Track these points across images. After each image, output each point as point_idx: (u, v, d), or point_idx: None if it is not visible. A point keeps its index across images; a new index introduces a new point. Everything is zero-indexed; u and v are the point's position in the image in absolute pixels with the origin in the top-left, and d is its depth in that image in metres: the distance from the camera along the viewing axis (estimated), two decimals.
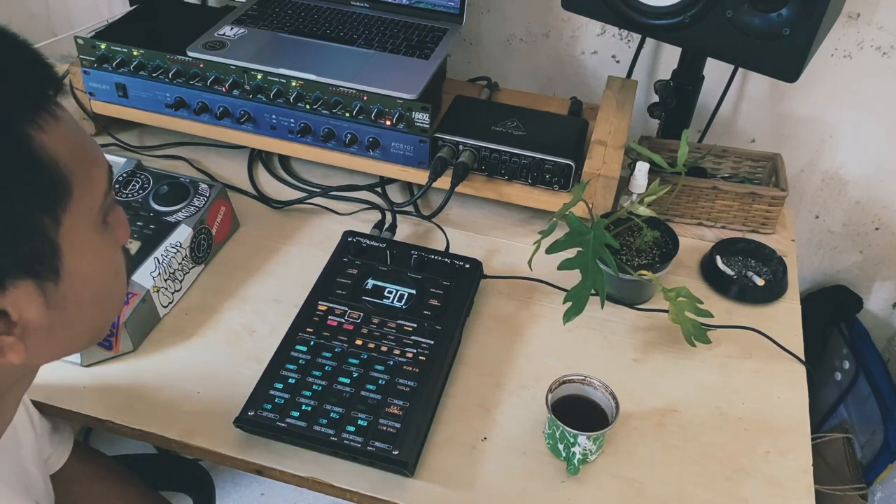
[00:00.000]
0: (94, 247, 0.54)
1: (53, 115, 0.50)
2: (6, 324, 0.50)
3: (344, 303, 0.96)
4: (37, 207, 0.49)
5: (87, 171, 0.52)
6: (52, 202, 0.50)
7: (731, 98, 1.33)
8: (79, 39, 1.17)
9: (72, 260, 0.52)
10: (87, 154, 0.53)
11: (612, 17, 1.06)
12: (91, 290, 0.55)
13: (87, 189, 0.52)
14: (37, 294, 0.51)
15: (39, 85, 0.50)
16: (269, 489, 1.70)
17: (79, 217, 0.52)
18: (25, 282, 0.49)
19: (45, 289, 0.51)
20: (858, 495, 1.32)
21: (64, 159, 0.50)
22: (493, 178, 1.13)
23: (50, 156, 0.49)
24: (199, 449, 0.85)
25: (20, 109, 0.48)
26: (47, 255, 0.50)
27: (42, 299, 0.51)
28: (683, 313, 0.93)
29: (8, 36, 0.50)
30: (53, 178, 0.49)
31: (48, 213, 0.49)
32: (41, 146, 0.48)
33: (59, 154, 0.49)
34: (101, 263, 0.56)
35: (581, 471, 0.83)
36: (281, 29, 1.22)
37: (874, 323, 1.50)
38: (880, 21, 1.19)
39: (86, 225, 0.53)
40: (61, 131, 0.50)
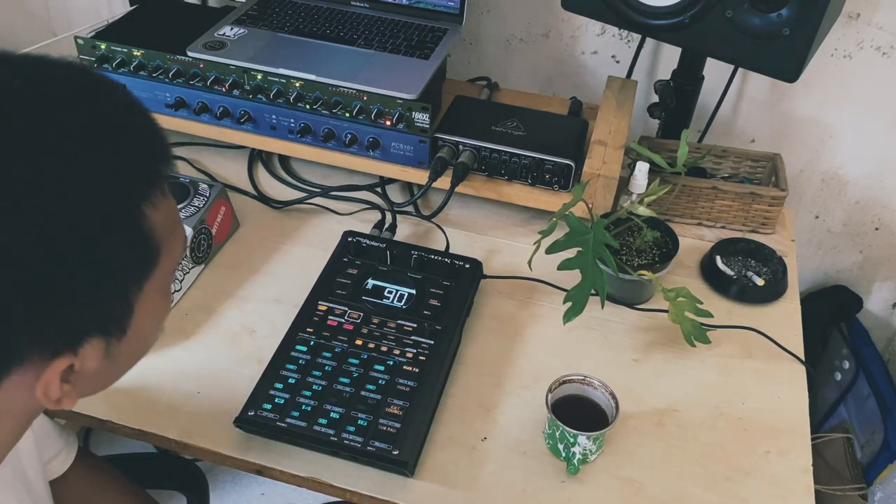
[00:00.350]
0: (159, 308, 0.57)
1: (163, 193, 0.51)
2: (67, 374, 0.51)
3: (344, 303, 0.96)
4: (130, 277, 0.51)
5: (173, 242, 0.54)
6: (143, 273, 0.52)
7: (731, 98, 1.33)
8: (79, 39, 1.17)
9: (139, 320, 0.54)
10: (176, 224, 0.55)
11: (612, 17, 1.06)
12: (142, 343, 0.58)
13: (169, 256, 0.54)
14: (102, 349, 0.52)
15: (159, 163, 0.52)
16: (269, 489, 1.70)
17: (156, 282, 0.54)
18: (97, 339, 0.51)
19: (109, 344, 0.52)
20: (858, 495, 1.32)
21: (161, 233, 0.51)
22: (493, 178, 1.13)
23: (152, 230, 0.50)
24: (198, 449, 0.85)
25: (141, 188, 0.49)
26: (123, 317, 0.52)
27: (104, 353, 0.52)
28: (683, 313, 0.93)
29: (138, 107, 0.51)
30: (150, 251, 0.51)
31: (136, 282, 0.51)
32: (150, 223, 0.50)
33: (158, 228, 0.51)
34: (158, 321, 0.58)
35: (581, 471, 0.84)
36: (281, 29, 1.22)
37: (874, 323, 1.50)
38: (880, 21, 1.19)
39: (159, 289, 0.55)
40: (165, 206, 0.52)
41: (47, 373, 0.49)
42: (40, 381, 0.50)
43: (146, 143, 0.51)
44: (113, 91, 0.51)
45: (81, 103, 0.48)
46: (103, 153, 0.47)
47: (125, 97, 0.51)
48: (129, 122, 0.50)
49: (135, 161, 0.49)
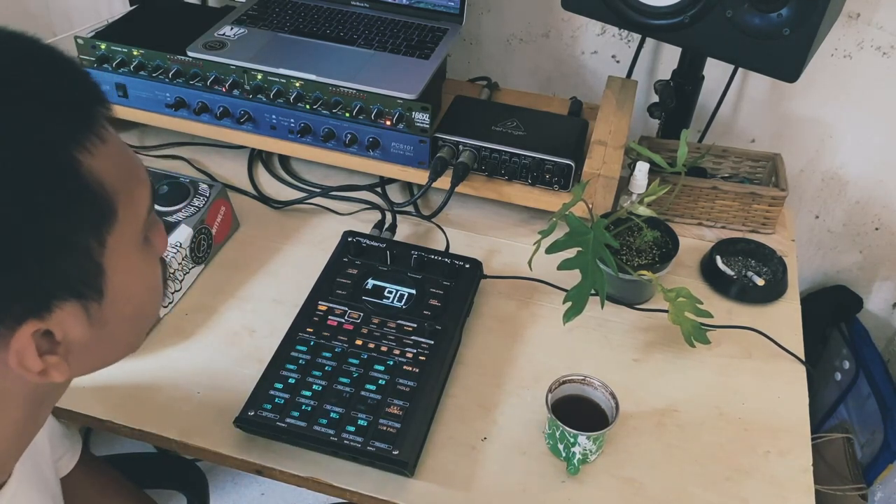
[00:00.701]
0: (136, 265, 0.55)
1: (101, 138, 0.50)
2: (51, 344, 0.51)
3: (344, 303, 0.96)
4: (83, 231, 0.49)
5: (131, 191, 0.52)
6: (97, 225, 0.49)
7: (731, 98, 1.33)
8: (79, 39, 1.17)
9: (115, 279, 0.52)
10: (131, 174, 0.53)
11: (612, 17, 1.06)
12: (132, 306, 0.56)
13: (130, 209, 0.52)
14: (81, 314, 0.51)
15: (87, 107, 0.50)
16: (269, 489, 1.70)
17: (122, 237, 0.52)
18: (70, 303, 0.50)
19: (88, 308, 0.51)
20: (858, 495, 1.32)
21: (109, 181, 0.49)
22: (493, 178, 1.13)
23: (96, 179, 0.48)
24: (198, 449, 0.85)
25: (68, 134, 0.48)
26: (92, 276, 0.50)
27: (86, 319, 0.51)
28: (683, 313, 0.93)
29: (55, 55, 0.50)
30: (99, 201, 0.49)
31: (94, 235, 0.49)
32: (88, 171, 0.48)
33: (105, 177, 0.49)
34: (141, 280, 0.56)
35: (581, 471, 0.84)
36: (281, 29, 1.22)
37: (874, 323, 1.50)
38: (880, 21, 1.19)
39: (129, 244, 0.53)
40: (108, 153, 0.50)
41: (15, 340, 0.48)
42: (10, 350, 0.48)
43: (66, 90, 0.49)
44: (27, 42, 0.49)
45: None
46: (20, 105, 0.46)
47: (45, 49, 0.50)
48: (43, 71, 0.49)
49: (54, 108, 0.48)
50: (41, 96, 0.47)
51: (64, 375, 0.52)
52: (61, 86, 0.49)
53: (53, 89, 0.48)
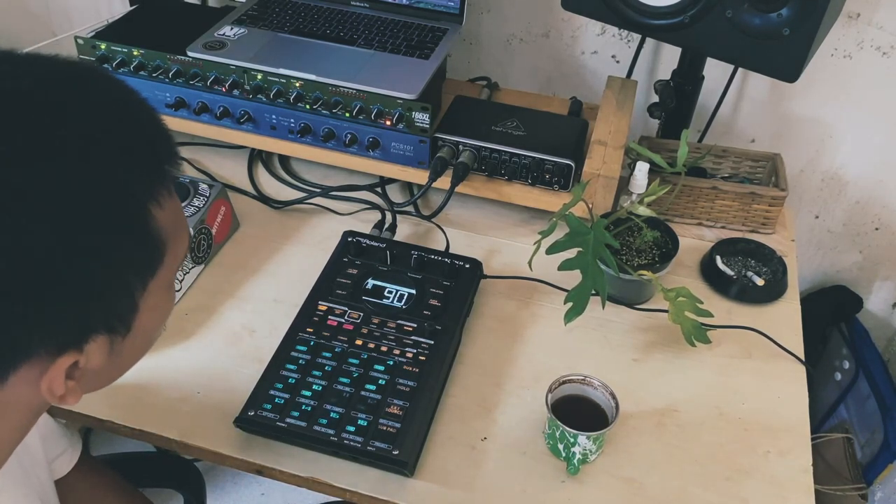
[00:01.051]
0: (162, 305, 0.57)
1: (169, 192, 0.52)
2: (72, 370, 0.52)
3: (344, 303, 0.96)
4: (135, 275, 0.51)
5: (178, 240, 0.54)
6: (148, 271, 0.52)
7: (731, 98, 1.33)
8: (79, 39, 1.17)
9: (143, 317, 0.54)
10: (181, 225, 0.55)
11: (612, 17, 1.06)
12: (145, 339, 0.58)
13: (173, 257, 0.54)
14: (107, 346, 0.53)
15: (165, 161, 0.52)
16: (269, 489, 1.70)
17: (160, 280, 0.54)
18: (102, 335, 0.51)
19: (113, 341, 0.53)
20: (858, 495, 1.32)
21: (167, 232, 0.52)
22: (493, 178, 1.13)
23: (159, 229, 0.51)
24: (199, 449, 0.85)
25: (147, 188, 0.50)
26: (128, 314, 0.53)
27: (108, 350, 0.53)
28: (683, 313, 0.93)
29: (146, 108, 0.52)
30: (157, 250, 0.52)
31: (141, 280, 0.52)
32: (156, 222, 0.51)
33: (164, 227, 0.52)
34: (161, 318, 0.59)
35: (581, 471, 0.84)
36: (281, 29, 1.22)
37: (874, 323, 1.50)
38: (880, 21, 1.19)
39: (162, 286, 0.55)
40: (171, 206, 0.53)
41: (53, 369, 0.50)
42: (45, 377, 0.50)
43: (153, 143, 0.52)
44: (120, 91, 0.52)
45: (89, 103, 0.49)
46: (110, 153, 0.48)
47: (132, 97, 0.52)
48: (136, 123, 0.51)
49: (142, 161, 0.50)
50: (130, 147, 0.50)
51: (77, 399, 0.54)
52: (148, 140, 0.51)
53: (142, 143, 0.51)
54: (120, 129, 0.50)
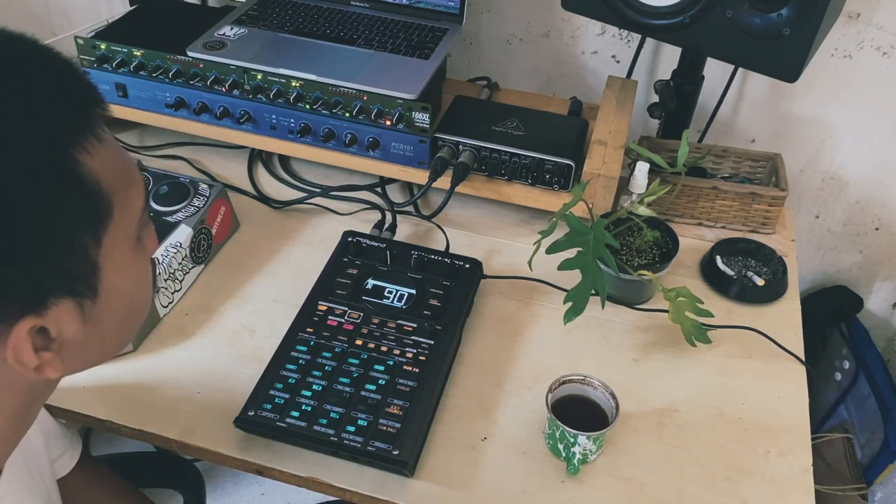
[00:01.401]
0: (130, 264, 0.56)
1: (98, 138, 0.51)
2: (45, 340, 0.51)
3: (344, 303, 0.96)
4: (80, 229, 0.50)
5: (126, 191, 0.53)
6: (94, 223, 0.51)
7: (731, 98, 1.33)
8: (79, 39, 1.17)
9: (109, 278, 0.53)
10: (127, 175, 0.54)
11: (612, 17, 1.06)
12: (125, 305, 0.57)
13: (125, 209, 0.53)
14: (75, 311, 0.52)
15: (85, 107, 0.51)
16: (269, 489, 1.70)
17: (118, 236, 0.53)
18: (66, 300, 0.51)
19: (83, 306, 0.52)
20: (858, 495, 1.32)
21: (106, 181, 0.51)
22: (493, 178, 1.13)
23: (94, 178, 0.50)
24: (199, 449, 0.85)
25: (67, 133, 0.49)
26: (87, 274, 0.51)
27: (80, 316, 0.52)
28: (683, 313, 0.93)
29: (54, 56, 0.51)
30: (96, 200, 0.50)
31: (90, 233, 0.51)
32: (86, 170, 0.49)
33: (102, 176, 0.50)
34: (134, 280, 0.57)
35: (581, 471, 0.84)
36: (281, 29, 1.22)
37: (874, 323, 1.50)
38: (880, 21, 1.19)
39: (123, 244, 0.54)
40: (105, 153, 0.51)
41: (13, 336, 0.49)
42: (7, 345, 0.49)
43: (66, 90, 0.50)
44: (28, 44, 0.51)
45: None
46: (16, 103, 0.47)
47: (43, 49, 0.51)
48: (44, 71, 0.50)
49: (54, 107, 0.49)
50: (40, 96, 0.48)
51: (58, 371, 0.53)
52: (60, 86, 0.50)
53: (52, 89, 0.49)
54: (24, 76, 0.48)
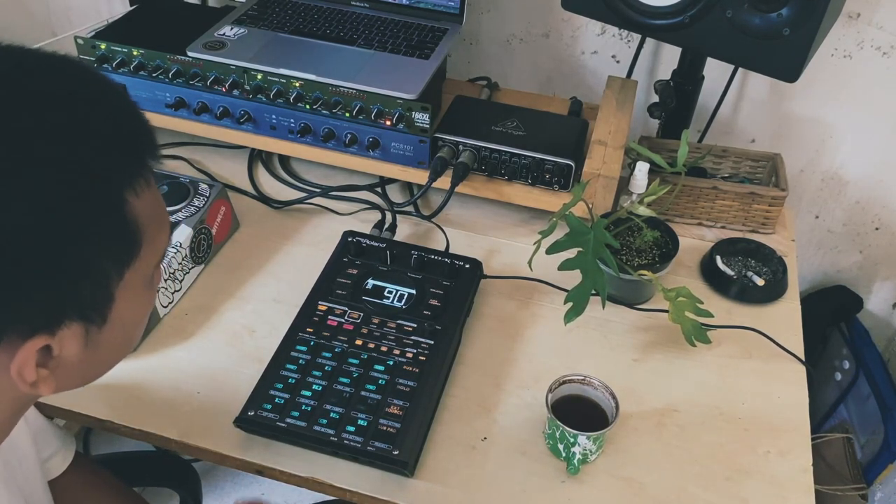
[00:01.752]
0: (140, 299, 0.58)
1: (147, 182, 0.54)
2: (45, 358, 0.53)
3: (344, 303, 0.96)
4: (110, 263, 0.52)
5: (156, 233, 0.56)
6: (123, 259, 0.53)
7: (731, 98, 1.33)
8: (79, 39, 1.17)
9: (119, 309, 0.55)
10: (160, 219, 0.57)
11: (612, 17, 1.06)
12: (123, 335, 0.59)
13: (151, 250, 0.56)
14: (81, 335, 0.53)
15: (143, 152, 0.54)
16: (269, 489, 1.70)
17: (137, 273, 0.55)
18: (76, 324, 0.52)
19: (89, 332, 0.54)
20: (858, 495, 1.32)
21: (144, 222, 0.53)
22: (493, 178, 1.13)
23: (135, 218, 0.52)
24: (199, 449, 0.85)
25: (123, 175, 0.52)
26: (103, 303, 0.53)
27: (84, 340, 0.54)
28: (683, 313, 0.93)
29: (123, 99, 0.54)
30: (131, 238, 0.53)
31: (116, 268, 0.53)
32: (131, 209, 0.52)
33: (142, 217, 0.53)
34: (140, 313, 0.60)
35: (581, 471, 0.84)
36: (281, 29, 1.22)
37: (874, 323, 1.50)
38: (880, 21, 1.19)
39: (140, 280, 0.56)
40: (149, 197, 0.54)
41: (22, 352, 0.50)
42: (15, 359, 0.51)
43: (131, 134, 0.53)
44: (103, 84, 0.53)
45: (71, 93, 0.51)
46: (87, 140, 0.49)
47: (113, 88, 0.54)
48: (115, 111, 0.53)
49: (119, 149, 0.51)
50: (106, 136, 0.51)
51: (50, 389, 0.54)
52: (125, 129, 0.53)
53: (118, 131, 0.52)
54: (98, 115, 0.51)
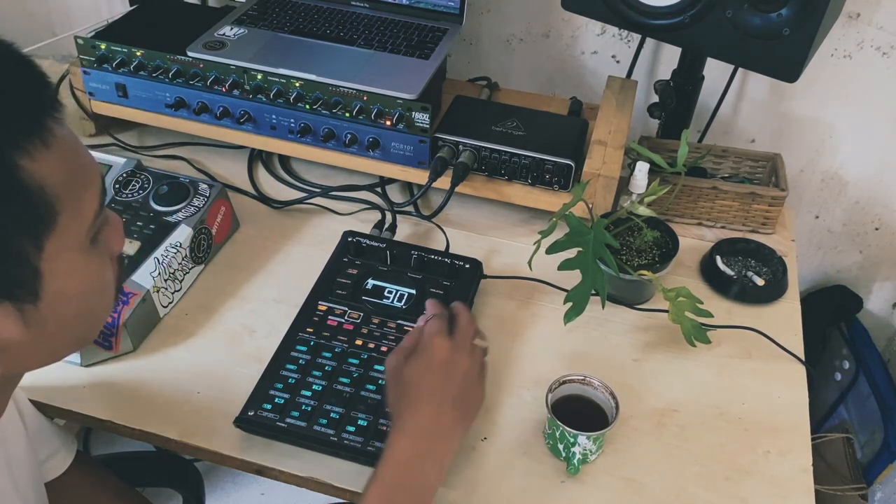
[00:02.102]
0: (79, 268, 0.54)
1: (45, 143, 0.49)
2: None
3: (344, 303, 0.96)
4: (18, 235, 0.48)
5: (76, 195, 0.51)
6: (35, 229, 0.49)
7: (731, 98, 1.33)
8: (79, 39, 1.17)
9: (53, 282, 0.51)
10: (78, 178, 0.52)
11: (612, 17, 1.06)
12: (73, 308, 0.55)
13: (75, 213, 0.51)
14: (14, 315, 0.50)
15: (34, 110, 0.49)
16: (269, 489, 1.70)
17: (64, 241, 0.51)
18: (4, 304, 0.49)
19: (23, 310, 0.50)
20: (858, 495, 1.32)
21: (51, 186, 0.49)
22: (493, 178, 1.13)
23: (37, 184, 0.48)
24: (199, 449, 0.85)
25: (9, 139, 0.47)
26: (27, 279, 0.50)
27: (20, 319, 0.51)
28: (683, 313, 0.93)
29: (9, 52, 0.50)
30: (38, 205, 0.48)
31: (30, 240, 0.49)
32: (28, 175, 0.47)
33: (47, 181, 0.48)
34: (85, 283, 0.55)
35: (581, 471, 0.84)
36: (281, 29, 1.22)
37: (874, 323, 1.50)
38: (880, 21, 1.19)
39: (71, 248, 0.52)
40: (52, 158, 0.49)
41: None
42: None
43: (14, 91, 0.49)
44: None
45: None
46: None
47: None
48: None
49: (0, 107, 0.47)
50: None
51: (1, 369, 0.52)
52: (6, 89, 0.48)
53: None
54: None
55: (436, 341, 0.77)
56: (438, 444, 0.73)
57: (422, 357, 0.77)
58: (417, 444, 0.72)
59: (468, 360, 0.78)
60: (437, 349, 0.77)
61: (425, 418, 0.73)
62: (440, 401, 0.74)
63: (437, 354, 0.76)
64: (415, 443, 0.72)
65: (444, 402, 0.74)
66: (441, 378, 0.75)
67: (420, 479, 0.71)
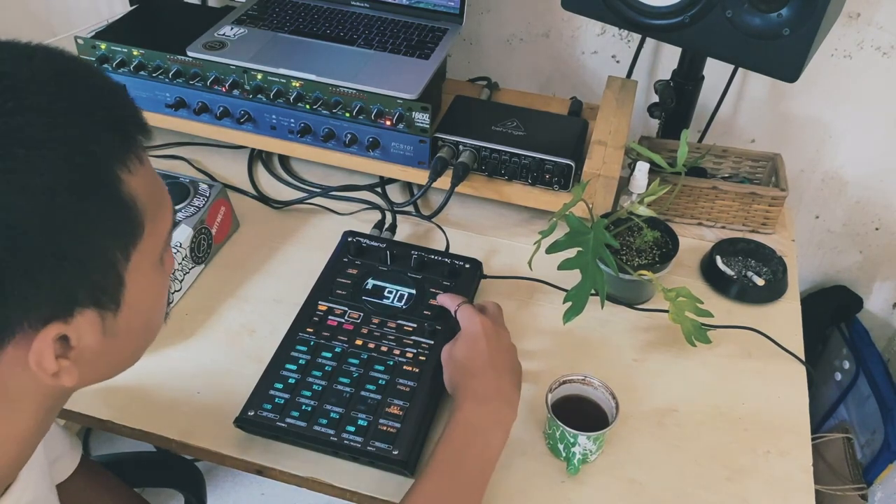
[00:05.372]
0: (151, 282, 0.58)
1: (140, 159, 0.54)
2: (65, 348, 0.53)
3: (344, 303, 0.96)
4: (114, 244, 0.52)
5: (157, 212, 0.56)
6: (126, 239, 0.53)
7: (731, 98, 1.33)
8: (79, 39, 1.17)
9: (132, 293, 0.55)
10: (157, 196, 0.57)
11: (612, 17, 1.06)
12: (142, 321, 0.59)
13: (154, 229, 0.56)
14: (97, 322, 0.53)
15: (133, 129, 0.54)
16: (269, 489, 1.70)
17: (144, 254, 0.55)
18: (90, 310, 0.52)
19: (104, 318, 0.54)
20: (858, 495, 1.32)
21: (141, 200, 0.53)
22: (493, 178, 1.13)
23: (132, 196, 0.52)
24: (199, 449, 0.85)
25: (114, 153, 0.52)
26: (113, 287, 0.54)
27: (100, 327, 0.54)
28: (683, 313, 0.93)
29: (106, 81, 0.54)
30: (131, 217, 0.53)
31: (121, 248, 0.53)
32: (126, 187, 0.52)
33: (138, 195, 0.53)
34: (153, 297, 0.60)
35: (581, 471, 0.84)
36: (281, 29, 1.22)
37: (874, 323, 1.50)
38: (880, 21, 1.19)
39: (148, 262, 0.56)
40: (143, 174, 0.54)
41: (38, 341, 0.50)
42: (32, 350, 0.50)
43: (117, 111, 0.53)
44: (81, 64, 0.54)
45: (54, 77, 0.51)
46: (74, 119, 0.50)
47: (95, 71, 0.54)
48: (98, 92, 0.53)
49: (106, 126, 0.52)
50: (94, 116, 0.51)
51: (73, 380, 0.54)
52: (111, 108, 0.53)
53: (104, 111, 0.52)
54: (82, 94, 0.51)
55: (477, 319, 0.85)
56: (503, 407, 0.79)
57: (468, 335, 0.85)
58: (483, 406, 0.78)
59: (507, 333, 0.88)
60: (480, 325, 0.85)
61: (487, 383, 0.80)
62: (496, 368, 0.82)
63: (482, 329, 0.84)
64: (480, 406, 0.78)
65: (501, 368, 0.82)
66: (491, 348, 0.83)
67: (486, 439, 0.77)
